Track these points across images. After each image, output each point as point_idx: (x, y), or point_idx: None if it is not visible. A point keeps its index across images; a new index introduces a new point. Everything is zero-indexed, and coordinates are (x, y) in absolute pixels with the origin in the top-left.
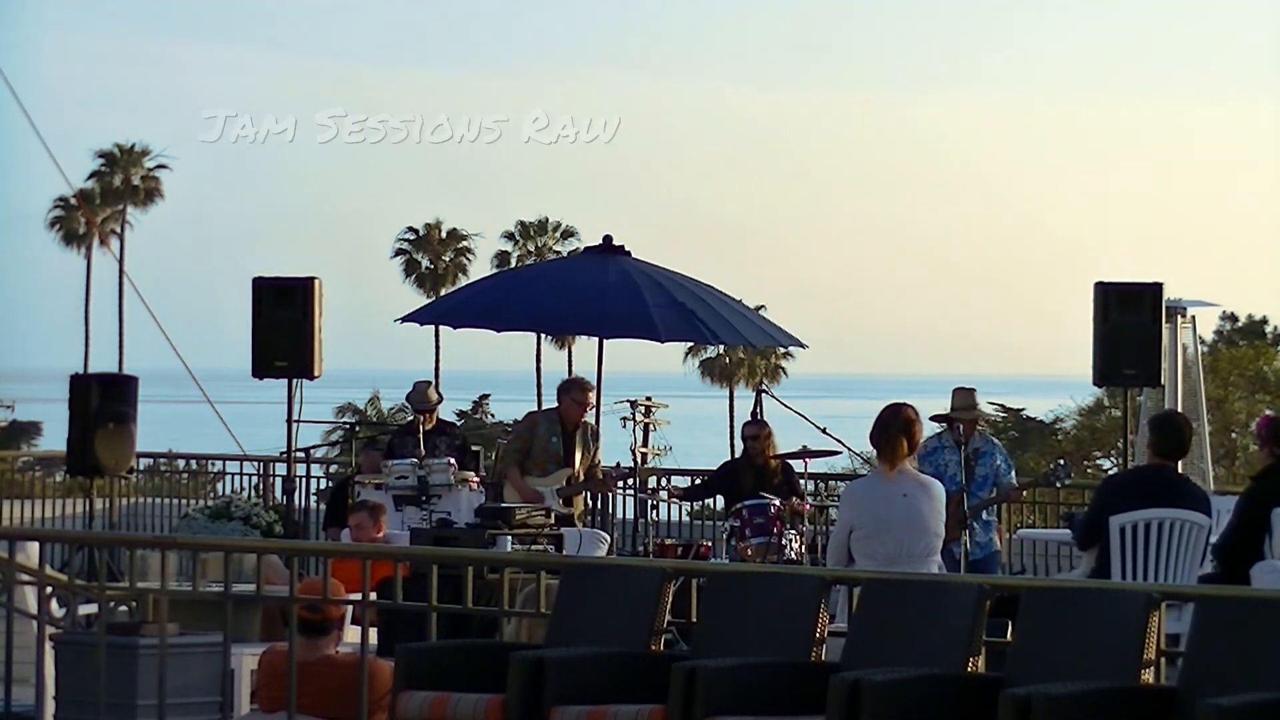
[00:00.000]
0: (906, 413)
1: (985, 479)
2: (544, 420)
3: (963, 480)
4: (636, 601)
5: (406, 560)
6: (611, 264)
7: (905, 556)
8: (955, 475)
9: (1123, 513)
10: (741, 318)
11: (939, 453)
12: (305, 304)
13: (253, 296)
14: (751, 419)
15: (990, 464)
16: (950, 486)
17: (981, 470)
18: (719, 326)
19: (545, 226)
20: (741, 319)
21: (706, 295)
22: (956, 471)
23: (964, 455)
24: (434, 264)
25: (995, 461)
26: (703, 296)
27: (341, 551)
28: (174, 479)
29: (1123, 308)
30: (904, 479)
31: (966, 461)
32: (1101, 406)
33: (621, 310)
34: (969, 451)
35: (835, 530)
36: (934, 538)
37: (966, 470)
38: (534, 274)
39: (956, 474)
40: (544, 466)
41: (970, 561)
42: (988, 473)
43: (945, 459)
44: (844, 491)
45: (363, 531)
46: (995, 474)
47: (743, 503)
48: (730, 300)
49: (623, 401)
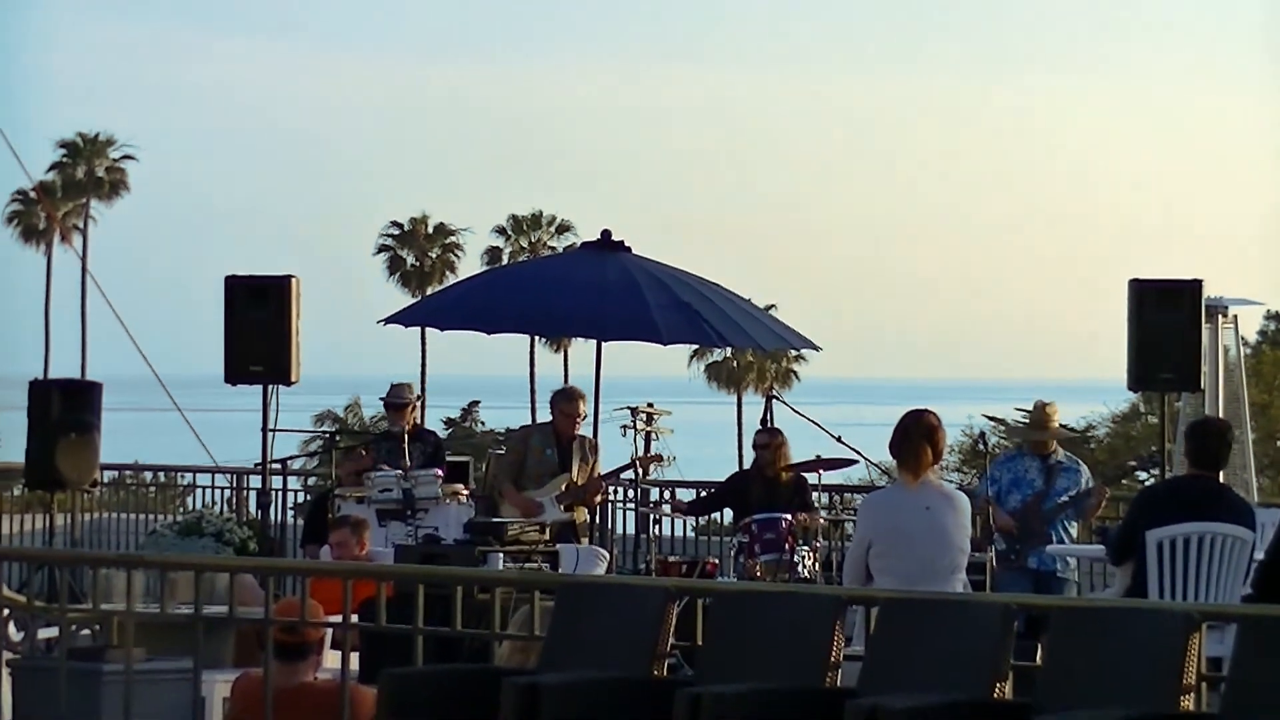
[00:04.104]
0: (929, 418)
1: (1061, 491)
2: (537, 433)
3: (1043, 486)
4: (638, 623)
5: (391, 579)
6: (610, 261)
7: (927, 574)
8: (1035, 480)
9: (1160, 527)
10: (750, 318)
11: (1019, 459)
12: (281, 304)
13: (225, 296)
14: (762, 427)
15: (1075, 480)
16: (1026, 491)
17: (1064, 482)
18: (726, 328)
19: (539, 220)
20: (750, 320)
21: (712, 294)
22: (1037, 476)
23: (1047, 466)
24: (420, 261)
25: (1081, 481)
26: (708, 295)
27: (321, 570)
28: (141, 492)
29: (1159, 306)
30: (927, 490)
31: (1049, 472)
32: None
33: (621, 310)
34: (1050, 464)
35: (852, 546)
36: (959, 553)
37: (1047, 477)
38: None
39: (1036, 479)
40: (540, 480)
41: (1045, 572)
42: (1067, 487)
43: (1025, 464)
44: (861, 504)
45: (344, 549)
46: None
47: (752, 517)
48: (738, 299)
49: (622, 408)
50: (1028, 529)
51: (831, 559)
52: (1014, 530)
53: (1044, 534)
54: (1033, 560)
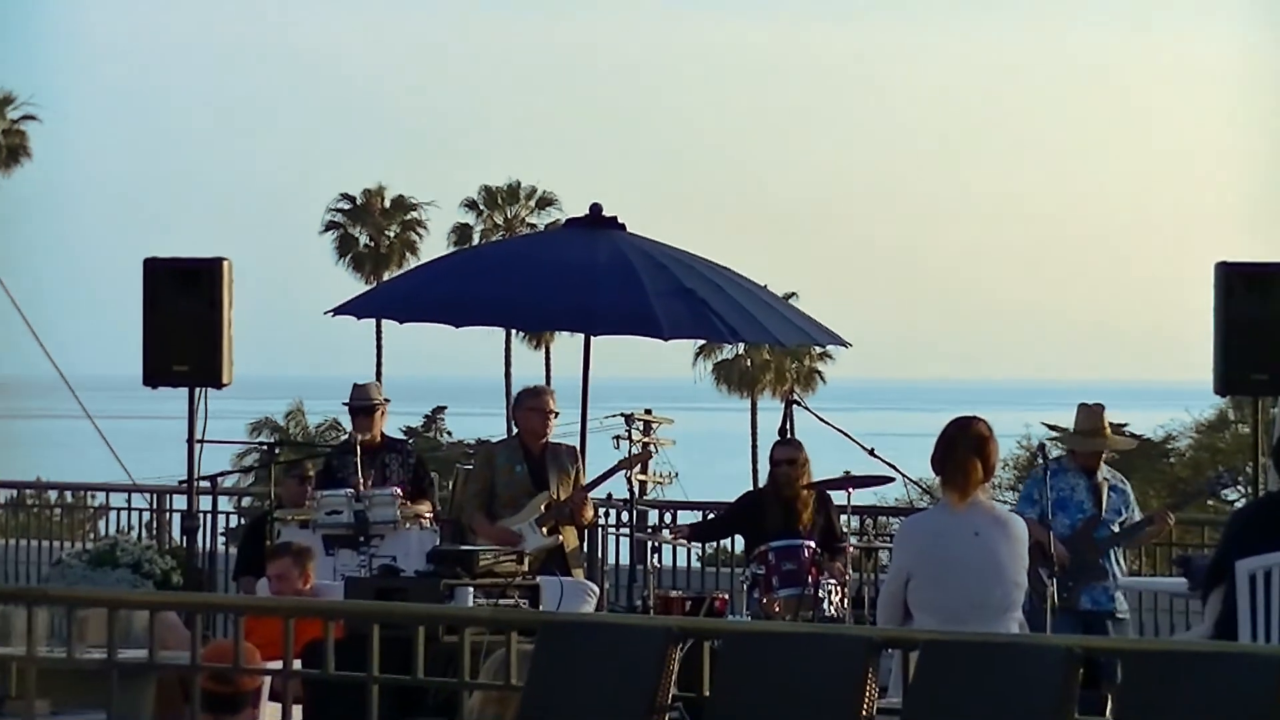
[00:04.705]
0: (978, 428)
1: (1115, 513)
2: (502, 449)
3: (1094, 509)
4: (633, 669)
5: (340, 617)
6: (601, 240)
7: (976, 611)
8: (1084, 502)
9: (1253, 555)
10: (767, 309)
11: (1063, 475)
12: (212, 292)
13: (144, 283)
14: (781, 438)
15: (1127, 502)
16: (1075, 515)
17: (1116, 501)
18: (738, 320)
19: (516, 193)
20: (767, 311)
21: (722, 280)
22: (1085, 497)
23: (1094, 484)
24: (375, 241)
25: (1132, 503)
26: (717, 282)
27: (258, 607)
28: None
29: (1251, 295)
30: (976, 512)
31: (1097, 490)
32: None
33: (614, 299)
34: (1098, 481)
35: (887, 578)
36: (1013, 587)
37: (1096, 499)
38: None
39: (1085, 500)
40: (514, 505)
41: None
42: (1120, 508)
43: (1071, 482)
44: (899, 529)
45: (285, 582)
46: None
47: (768, 544)
48: (752, 287)
49: (615, 416)
50: (1079, 562)
51: (863, 594)
52: (1065, 564)
53: (1098, 567)
54: (1085, 599)
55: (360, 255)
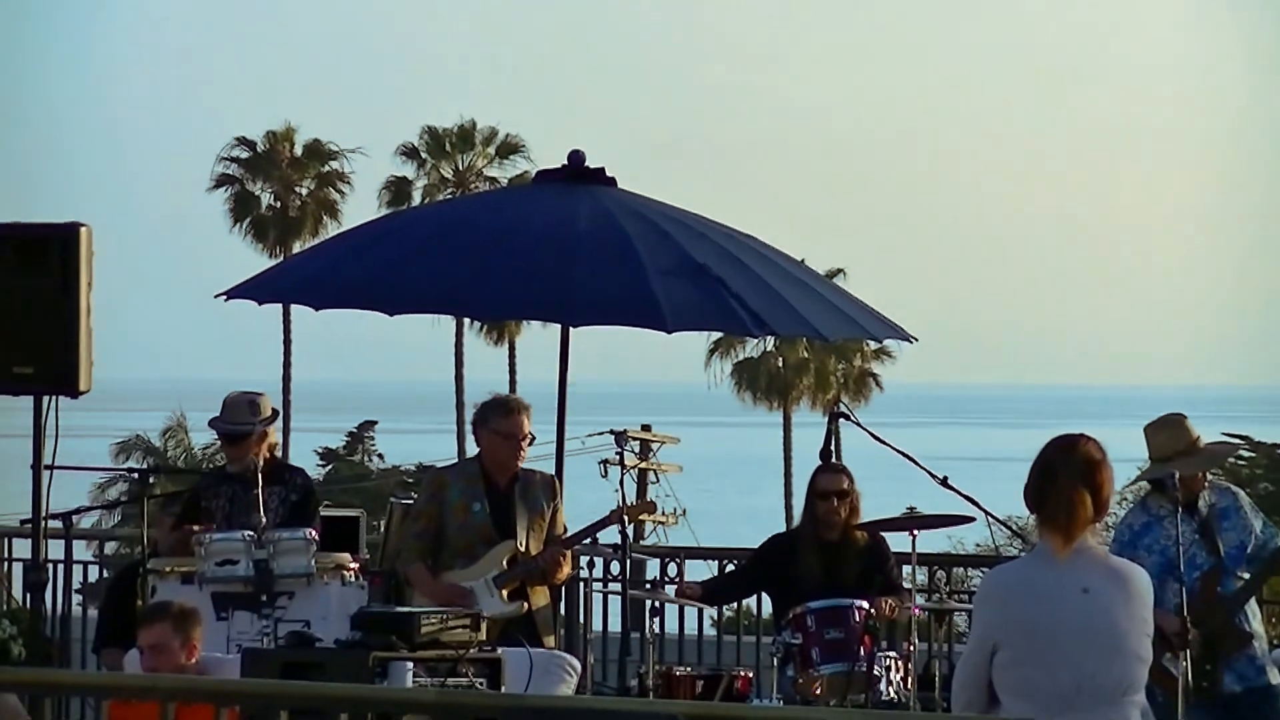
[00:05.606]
0: (1086, 449)
1: (1239, 550)
2: (456, 478)
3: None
4: None
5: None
6: (583, 200)
7: (1085, 693)
8: (1195, 555)
9: None
10: (806, 291)
11: (1154, 527)
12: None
13: None
14: (824, 463)
15: (1241, 524)
16: (1189, 573)
17: (1232, 536)
18: (765, 306)
19: (470, 137)
20: (804, 293)
21: (744, 253)
22: (1196, 550)
23: (1199, 521)
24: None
25: (1247, 519)
26: (738, 255)
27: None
28: None
29: None
30: (1084, 562)
31: (1205, 529)
32: None
33: (599, 279)
34: (1203, 514)
35: (967, 650)
36: (1136, 662)
37: (1208, 542)
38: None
39: (1197, 553)
40: (469, 554)
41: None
42: (1242, 539)
43: (1168, 533)
44: (981, 584)
45: (163, 654)
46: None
47: (806, 605)
48: (785, 262)
49: (603, 434)
50: (1212, 633)
51: (932, 671)
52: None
53: (1238, 631)
54: (1230, 679)
55: (262, 219)
